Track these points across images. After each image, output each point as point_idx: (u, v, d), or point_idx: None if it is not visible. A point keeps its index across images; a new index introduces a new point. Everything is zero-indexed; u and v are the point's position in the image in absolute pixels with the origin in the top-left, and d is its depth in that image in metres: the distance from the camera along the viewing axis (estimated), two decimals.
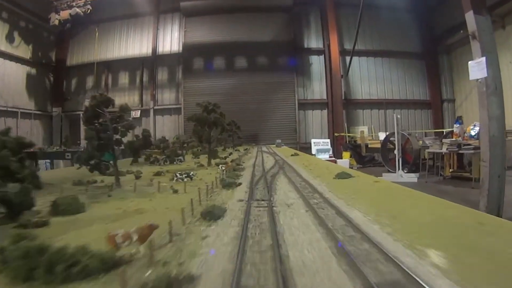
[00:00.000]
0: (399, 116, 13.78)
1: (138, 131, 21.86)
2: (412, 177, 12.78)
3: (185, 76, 22.72)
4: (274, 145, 17.51)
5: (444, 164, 13.24)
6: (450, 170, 13.14)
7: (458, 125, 14.42)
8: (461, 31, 9.38)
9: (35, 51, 24.17)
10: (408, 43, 23.72)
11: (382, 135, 20.20)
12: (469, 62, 7.92)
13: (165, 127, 22.81)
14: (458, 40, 21.58)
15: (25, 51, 23.45)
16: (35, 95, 24.03)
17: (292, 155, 11.37)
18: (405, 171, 13.49)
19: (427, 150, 13.32)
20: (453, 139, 13.22)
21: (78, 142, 21.75)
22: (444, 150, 12.28)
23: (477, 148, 11.61)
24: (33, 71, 24.17)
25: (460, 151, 11.87)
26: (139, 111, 23.24)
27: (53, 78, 25.91)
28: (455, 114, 22.65)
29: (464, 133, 13.94)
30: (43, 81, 25.39)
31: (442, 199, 3.98)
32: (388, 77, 23.24)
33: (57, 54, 26.11)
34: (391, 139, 16.14)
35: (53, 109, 25.45)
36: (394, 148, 15.32)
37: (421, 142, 15.45)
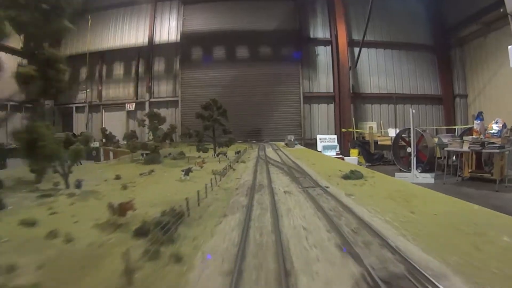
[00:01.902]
0: (414, 111, 12.64)
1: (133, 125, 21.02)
2: (428, 178, 11.72)
3: (183, 67, 21.50)
4: (283, 144, 14.19)
5: (463, 164, 12.19)
6: (469, 170, 12.11)
7: (479, 121, 13.27)
8: (501, 10, 8.24)
9: (26, 41, 22.96)
10: (419, 35, 22.43)
11: (391, 131, 19.20)
12: (509, 47, 6.85)
13: None
14: (471, 33, 20.48)
15: (16, 41, 22.24)
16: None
17: (344, 177, 4.87)
18: (419, 171, 12.46)
19: (445, 148, 12.23)
20: (475, 136, 12.16)
21: None
22: (465, 148, 11.19)
23: (502, 147, 10.64)
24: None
25: (484, 150, 10.79)
26: (134, 104, 22.05)
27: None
28: (468, 110, 21.55)
29: (485, 130, 12.84)
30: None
31: None
32: (398, 70, 21.98)
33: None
34: (403, 135, 15.11)
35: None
36: (406, 146, 14.34)
37: (436, 139, 14.40)
